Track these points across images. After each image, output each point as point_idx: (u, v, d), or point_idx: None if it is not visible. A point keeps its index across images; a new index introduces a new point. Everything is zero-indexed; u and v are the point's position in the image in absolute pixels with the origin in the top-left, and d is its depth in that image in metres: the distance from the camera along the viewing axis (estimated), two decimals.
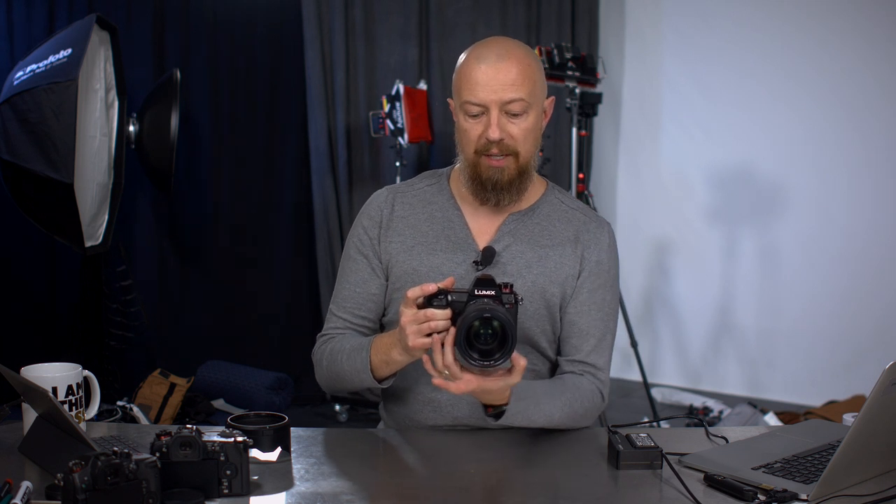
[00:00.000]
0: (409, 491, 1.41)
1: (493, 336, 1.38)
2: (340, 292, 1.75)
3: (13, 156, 3.15)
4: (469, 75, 1.59)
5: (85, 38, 3.15)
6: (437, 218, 1.71)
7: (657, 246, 4.84)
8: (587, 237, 1.71)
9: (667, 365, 4.82)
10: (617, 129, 4.97)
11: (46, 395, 1.37)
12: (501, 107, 1.58)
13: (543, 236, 1.69)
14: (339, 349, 1.66)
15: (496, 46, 1.61)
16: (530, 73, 1.60)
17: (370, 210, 1.74)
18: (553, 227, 1.70)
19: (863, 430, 1.27)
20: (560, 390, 1.62)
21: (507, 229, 1.68)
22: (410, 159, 4.39)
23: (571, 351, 1.70)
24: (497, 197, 1.64)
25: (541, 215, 1.71)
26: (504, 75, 1.57)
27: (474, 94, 1.58)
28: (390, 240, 1.71)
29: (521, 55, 1.60)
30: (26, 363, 1.55)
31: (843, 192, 4.35)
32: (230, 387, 4.05)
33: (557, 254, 1.68)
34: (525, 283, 1.65)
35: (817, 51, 4.34)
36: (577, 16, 4.75)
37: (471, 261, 1.66)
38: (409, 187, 1.77)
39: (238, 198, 4.50)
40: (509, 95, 1.57)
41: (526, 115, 1.60)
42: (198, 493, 1.25)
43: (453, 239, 1.69)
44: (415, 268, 1.68)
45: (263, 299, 4.58)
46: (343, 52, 4.42)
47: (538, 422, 1.57)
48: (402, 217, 1.72)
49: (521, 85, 1.58)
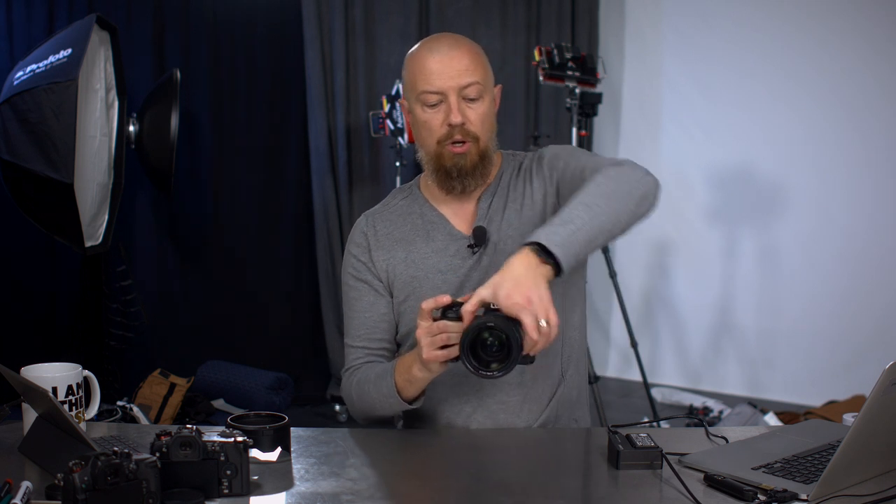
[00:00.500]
0: (410, 491, 1.41)
1: (498, 348, 1.38)
2: (351, 323, 1.74)
3: (13, 156, 3.15)
4: (424, 66, 1.64)
5: (85, 38, 3.15)
6: (419, 225, 1.74)
7: (657, 246, 4.84)
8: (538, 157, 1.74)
9: (667, 365, 4.82)
10: (617, 129, 4.97)
11: (46, 395, 1.37)
12: (459, 91, 1.63)
13: (516, 194, 1.72)
14: (365, 379, 1.65)
15: (445, 39, 1.67)
16: (481, 60, 1.67)
17: (355, 238, 1.77)
18: (518, 184, 1.74)
19: (863, 430, 1.27)
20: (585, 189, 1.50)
21: (484, 205, 1.72)
22: (410, 159, 4.39)
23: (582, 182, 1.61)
24: (462, 183, 1.68)
25: (505, 180, 1.74)
26: (458, 62, 1.63)
27: (430, 83, 1.63)
28: (383, 258, 1.73)
29: (469, 44, 1.67)
30: (26, 363, 1.55)
31: (843, 192, 4.35)
32: (230, 387, 4.05)
33: (531, 200, 1.71)
34: (521, 238, 1.63)
35: (817, 51, 4.34)
36: (577, 16, 4.76)
37: (464, 247, 1.69)
38: (384, 207, 1.80)
39: (238, 198, 4.51)
40: (466, 80, 1.62)
41: (482, 100, 1.65)
42: (198, 493, 1.25)
43: (440, 238, 1.71)
44: (413, 275, 1.70)
45: (263, 299, 4.58)
46: (343, 52, 4.42)
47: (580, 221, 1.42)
48: (387, 234, 1.74)
49: (474, 70, 1.64)
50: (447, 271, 1.69)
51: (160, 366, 3.89)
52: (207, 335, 4.42)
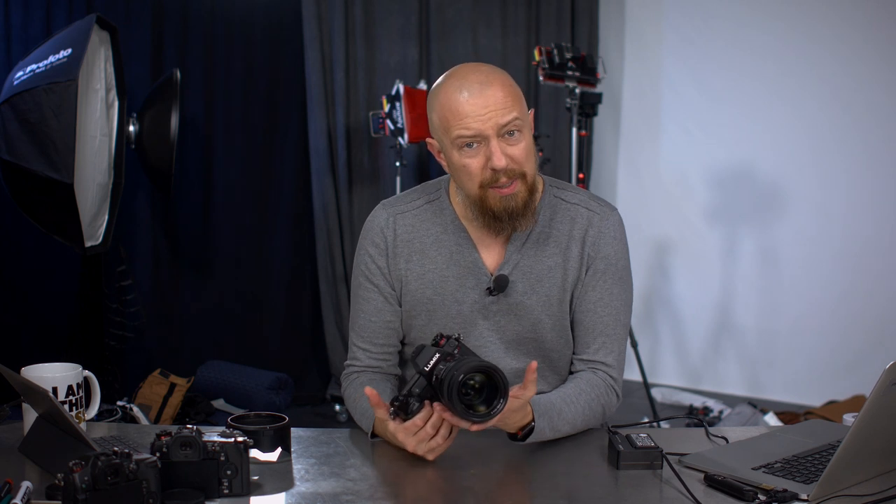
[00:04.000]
0: (410, 491, 1.41)
1: (483, 386, 1.39)
2: (357, 321, 1.73)
3: (13, 156, 3.14)
4: (456, 109, 1.53)
5: (85, 38, 3.15)
6: (444, 242, 1.67)
7: (657, 246, 4.84)
8: (592, 232, 1.67)
9: (667, 365, 4.81)
10: (617, 129, 4.97)
11: (46, 395, 1.37)
12: (498, 131, 1.53)
13: (549, 244, 1.66)
14: (351, 400, 1.69)
15: (474, 75, 1.55)
16: (514, 91, 1.56)
17: (373, 236, 1.69)
18: (556, 229, 1.67)
19: (863, 430, 1.27)
20: (576, 394, 1.62)
21: (514, 248, 1.65)
22: (410, 159, 4.39)
23: (580, 349, 1.70)
24: (514, 224, 1.59)
25: (543, 221, 1.67)
26: (492, 100, 1.52)
27: (467, 126, 1.52)
28: (399, 266, 1.68)
29: (500, 76, 1.56)
30: (26, 363, 1.55)
31: (843, 192, 4.35)
32: (230, 387, 4.05)
33: (563, 259, 1.66)
34: (539, 299, 1.65)
35: (817, 51, 4.34)
36: (577, 16, 4.75)
37: (483, 287, 1.65)
38: (406, 206, 1.71)
39: (238, 198, 4.50)
40: (504, 118, 1.52)
41: (521, 134, 1.55)
42: (198, 493, 1.25)
43: (463, 264, 1.66)
44: (429, 297, 1.66)
45: (263, 299, 4.58)
46: (343, 52, 4.42)
47: (563, 430, 1.57)
48: (408, 241, 1.68)
49: (511, 104, 1.53)
50: (464, 303, 1.65)
51: (160, 366, 3.88)
52: (207, 335, 4.41)
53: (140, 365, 4.00)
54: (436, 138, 1.62)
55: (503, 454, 1.54)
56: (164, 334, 4.30)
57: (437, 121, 1.58)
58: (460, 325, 1.65)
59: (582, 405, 1.60)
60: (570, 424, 1.58)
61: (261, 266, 4.58)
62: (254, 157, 4.51)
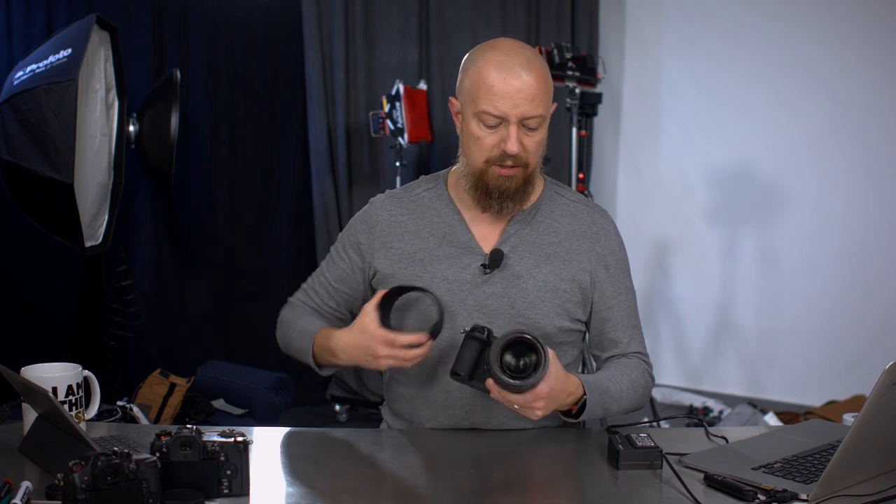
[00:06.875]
0: (409, 491, 1.41)
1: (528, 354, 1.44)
2: (319, 277, 1.80)
3: (13, 156, 3.14)
4: (490, 84, 1.54)
5: (85, 38, 3.15)
6: (437, 224, 1.70)
7: (657, 246, 4.84)
8: (595, 230, 1.71)
9: (667, 365, 4.81)
10: (617, 129, 4.97)
11: (46, 395, 1.37)
12: (521, 119, 1.55)
13: (549, 234, 1.69)
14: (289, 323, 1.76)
15: (517, 56, 1.56)
16: (548, 87, 1.59)
17: (368, 216, 1.74)
18: (557, 222, 1.70)
19: (863, 430, 1.27)
20: (620, 373, 1.66)
21: (513, 231, 1.68)
22: (410, 159, 4.39)
23: (610, 346, 1.73)
24: (500, 205, 1.63)
25: (544, 213, 1.70)
26: (527, 90, 1.54)
27: (494, 105, 1.54)
28: (389, 246, 1.70)
29: (540, 67, 1.58)
30: (26, 363, 1.55)
31: (843, 192, 4.34)
32: (230, 387, 4.04)
33: (565, 249, 1.68)
34: (536, 283, 1.65)
35: (817, 51, 4.34)
36: (577, 16, 4.75)
37: (477, 265, 1.65)
38: (406, 192, 1.76)
39: (238, 198, 4.50)
40: (531, 112, 1.55)
41: (540, 129, 1.59)
42: (198, 493, 1.25)
43: (456, 244, 1.68)
44: (418, 274, 1.67)
45: (263, 299, 4.57)
46: (343, 52, 4.42)
47: (612, 409, 1.62)
48: (401, 222, 1.71)
49: (541, 100, 1.56)
50: (454, 281, 1.66)
51: (160, 366, 3.88)
52: (207, 335, 4.41)
53: (140, 365, 4.00)
54: (460, 100, 1.64)
55: (503, 454, 1.54)
56: (164, 334, 4.30)
57: (468, 85, 1.60)
58: (451, 304, 1.65)
59: (626, 385, 1.65)
60: (617, 403, 1.62)
61: (261, 265, 4.58)
62: (254, 157, 4.51)
